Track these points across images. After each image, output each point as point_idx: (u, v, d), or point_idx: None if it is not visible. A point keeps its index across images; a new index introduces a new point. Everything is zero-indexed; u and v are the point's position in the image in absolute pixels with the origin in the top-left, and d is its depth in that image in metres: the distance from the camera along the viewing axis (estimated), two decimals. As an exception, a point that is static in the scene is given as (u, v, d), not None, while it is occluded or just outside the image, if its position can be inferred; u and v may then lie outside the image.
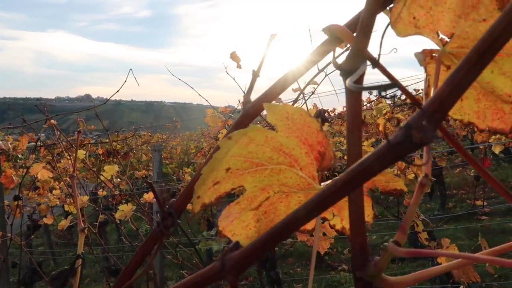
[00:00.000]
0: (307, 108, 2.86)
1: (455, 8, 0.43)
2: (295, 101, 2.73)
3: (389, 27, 0.47)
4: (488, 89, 0.47)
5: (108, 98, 2.91)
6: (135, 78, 2.63)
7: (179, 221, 0.56)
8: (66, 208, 4.03)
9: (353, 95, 0.41)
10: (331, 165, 0.45)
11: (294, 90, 2.81)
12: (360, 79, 0.40)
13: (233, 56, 2.88)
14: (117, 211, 2.52)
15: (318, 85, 2.76)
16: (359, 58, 0.40)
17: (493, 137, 3.80)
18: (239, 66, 2.88)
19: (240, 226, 0.53)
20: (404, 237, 0.38)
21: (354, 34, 0.42)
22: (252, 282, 5.12)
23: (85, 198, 2.73)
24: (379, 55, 0.46)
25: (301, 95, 2.68)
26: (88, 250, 3.17)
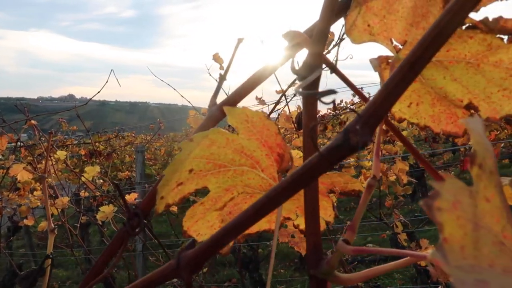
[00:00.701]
0: (289, 110, 2.88)
1: (407, 17, 0.45)
2: (277, 103, 2.76)
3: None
4: (442, 94, 0.49)
5: (89, 98, 2.89)
6: (117, 79, 2.62)
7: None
8: (47, 209, 3.99)
9: (309, 99, 0.42)
10: (288, 166, 0.47)
11: (278, 92, 2.83)
12: (315, 84, 0.42)
13: (216, 58, 2.88)
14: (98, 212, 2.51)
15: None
16: (314, 64, 0.42)
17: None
18: (221, 68, 2.89)
19: (205, 226, 0.54)
20: (353, 235, 0.39)
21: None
22: (235, 283, 5.13)
23: (66, 199, 2.71)
24: (336, 61, 0.48)
25: (283, 97, 2.70)
26: (70, 252, 3.14)
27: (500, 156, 5.44)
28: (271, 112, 2.76)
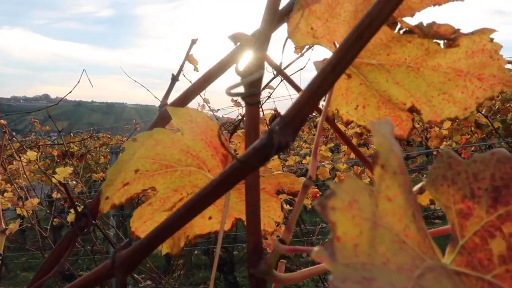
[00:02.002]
0: (263, 112, 2.89)
1: (349, 20, 0.45)
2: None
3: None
4: (386, 97, 0.50)
5: (61, 98, 2.85)
6: (89, 79, 2.59)
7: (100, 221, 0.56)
8: (18, 211, 3.91)
9: (249, 100, 0.43)
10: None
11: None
12: (257, 84, 0.42)
13: (191, 59, 2.88)
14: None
15: (274, 89, 2.79)
16: (256, 65, 0.42)
17: (444, 143, 3.93)
18: (196, 69, 2.89)
19: (153, 227, 0.54)
20: (289, 235, 0.40)
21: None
22: (210, 285, 5.10)
23: (36, 201, 2.66)
24: (280, 63, 0.48)
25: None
26: (41, 254, 3.09)
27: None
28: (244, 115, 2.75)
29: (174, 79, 0.58)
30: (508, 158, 0.28)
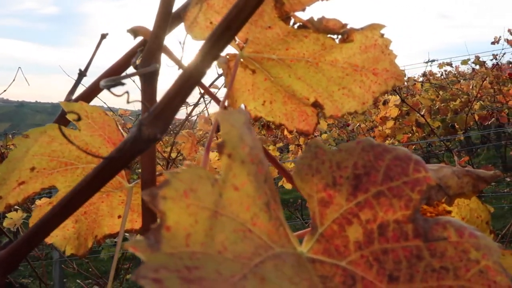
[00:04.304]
0: (208, 113, 2.88)
1: (247, 15, 0.45)
2: (196, 104, 2.74)
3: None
4: (291, 93, 0.51)
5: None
6: (25, 78, 2.49)
7: None
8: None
9: (146, 94, 0.42)
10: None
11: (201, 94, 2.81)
12: (153, 77, 0.42)
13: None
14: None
15: (219, 89, 2.78)
16: (150, 59, 0.42)
17: (387, 141, 4.06)
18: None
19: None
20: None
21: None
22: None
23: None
24: (181, 58, 0.48)
25: (202, 99, 2.70)
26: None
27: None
28: (190, 113, 2.74)
29: (82, 74, 0.57)
30: (372, 146, 0.29)
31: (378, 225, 0.27)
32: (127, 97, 0.31)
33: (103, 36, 0.59)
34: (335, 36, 0.44)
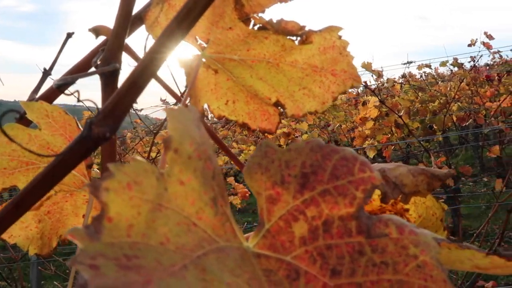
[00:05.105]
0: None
1: (208, 16, 0.46)
2: (175, 105, 2.73)
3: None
4: (253, 92, 0.51)
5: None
6: None
7: None
8: None
9: (106, 93, 0.42)
10: (92, 161, 0.46)
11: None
12: (113, 77, 0.42)
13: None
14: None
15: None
16: (111, 58, 0.42)
17: (367, 142, 4.11)
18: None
19: (18, 228, 0.52)
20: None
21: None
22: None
23: None
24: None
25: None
26: None
27: (396, 158, 5.83)
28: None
29: (46, 73, 0.56)
30: (321, 147, 0.29)
31: (323, 221, 0.28)
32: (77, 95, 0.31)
33: (69, 35, 0.59)
34: (294, 38, 0.45)
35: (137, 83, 0.29)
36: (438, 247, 0.27)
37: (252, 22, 0.45)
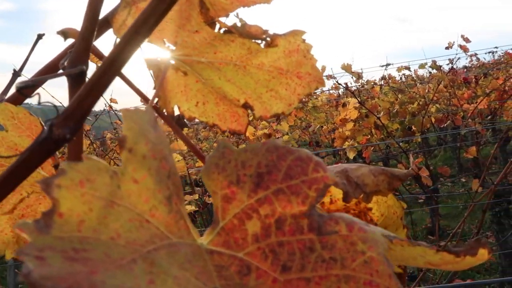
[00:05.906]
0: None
1: (175, 19, 0.47)
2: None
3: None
4: (222, 94, 0.52)
5: None
6: (-24, 77, 2.41)
7: None
8: None
9: (72, 94, 0.43)
10: (58, 161, 0.47)
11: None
12: (79, 79, 0.42)
13: (91, 58, 2.79)
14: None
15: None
16: (78, 60, 0.42)
17: (347, 143, 4.15)
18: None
19: (-9, 230, 0.52)
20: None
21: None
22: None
23: None
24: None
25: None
26: None
27: (376, 159, 5.89)
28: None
29: (16, 74, 0.56)
30: (277, 147, 0.31)
31: (276, 219, 0.29)
32: (38, 98, 0.32)
33: (39, 37, 0.59)
34: (260, 41, 0.46)
35: (97, 86, 0.30)
36: (386, 244, 0.29)
37: (218, 25, 0.46)
